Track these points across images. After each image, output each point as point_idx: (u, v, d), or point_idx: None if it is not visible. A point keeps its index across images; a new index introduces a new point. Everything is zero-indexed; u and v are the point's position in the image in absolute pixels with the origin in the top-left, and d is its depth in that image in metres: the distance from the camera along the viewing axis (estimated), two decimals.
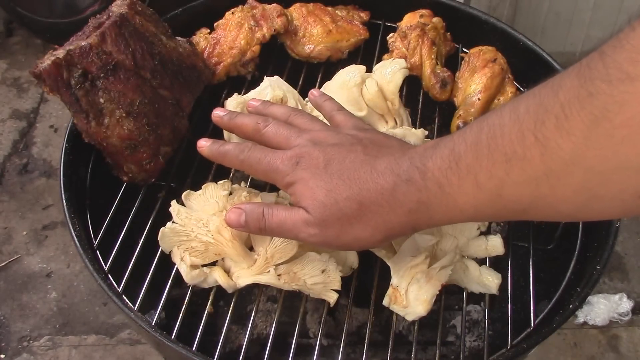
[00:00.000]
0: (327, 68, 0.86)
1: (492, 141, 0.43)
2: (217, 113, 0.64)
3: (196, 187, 0.67)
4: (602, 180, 0.38)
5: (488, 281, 0.64)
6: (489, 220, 0.66)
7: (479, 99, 0.79)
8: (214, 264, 0.64)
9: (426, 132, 0.73)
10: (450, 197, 0.46)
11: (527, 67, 0.85)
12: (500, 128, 0.42)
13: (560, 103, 0.38)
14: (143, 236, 0.67)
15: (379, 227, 0.51)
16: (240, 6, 0.86)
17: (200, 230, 0.63)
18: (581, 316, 1.36)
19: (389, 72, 0.77)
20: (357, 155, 0.53)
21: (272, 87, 0.75)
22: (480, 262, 0.66)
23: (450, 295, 0.72)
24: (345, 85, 0.76)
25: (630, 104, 0.35)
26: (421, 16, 0.87)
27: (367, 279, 0.66)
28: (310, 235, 0.53)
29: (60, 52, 0.65)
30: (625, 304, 1.38)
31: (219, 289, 0.64)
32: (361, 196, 0.50)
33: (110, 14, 0.69)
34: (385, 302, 0.62)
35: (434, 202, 0.47)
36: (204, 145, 0.61)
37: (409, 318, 0.61)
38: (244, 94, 0.78)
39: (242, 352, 0.60)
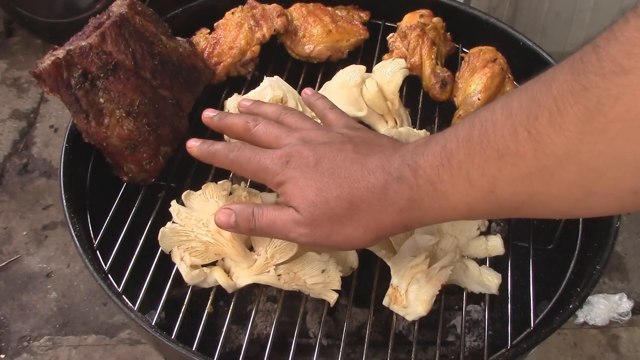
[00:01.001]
0: (327, 68, 0.86)
1: (484, 137, 0.42)
2: (207, 114, 0.63)
3: (196, 187, 0.67)
4: (596, 176, 0.38)
5: (488, 281, 0.64)
6: (483, 218, 0.66)
7: (479, 99, 0.79)
8: (214, 264, 0.64)
9: (428, 133, 0.73)
10: (442, 194, 0.46)
11: (527, 67, 0.85)
12: (492, 124, 0.42)
13: (554, 97, 0.38)
14: (143, 236, 0.67)
15: (370, 226, 0.50)
16: (240, 6, 0.86)
17: (200, 230, 0.63)
18: (581, 316, 1.36)
19: (389, 72, 0.77)
20: (347, 153, 0.52)
21: (272, 87, 0.75)
22: (480, 262, 0.66)
23: (450, 295, 0.72)
24: (345, 85, 0.76)
25: (625, 97, 0.34)
26: (421, 16, 0.87)
27: (367, 279, 0.66)
28: (300, 235, 0.52)
29: (60, 52, 0.65)
30: (625, 304, 1.38)
31: (219, 289, 0.64)
32: (352, 195, 0.50)
33: (110, 14, 0.69)
34: (385, 302, 0.62)
35: (426, 200, 0.47)
36: (194, 145, 0.60)
37: (409, 318, 0.61)
38: (244, 94, 0.78)
39: (242, 352, 0.60)
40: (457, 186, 0.45)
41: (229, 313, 0.62)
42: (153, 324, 0.61)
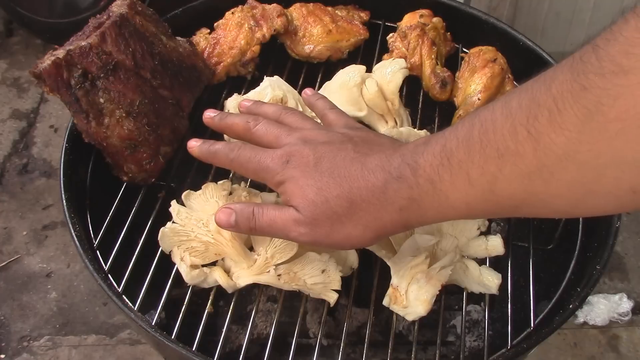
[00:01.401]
0: (327, 68, 0.86)
1: (484, 137, 0.42)
2: (208, 114, 0.63)
3: (196, 187, 0.67)
4: (596, 175, 0.38)
5: (488, 281, 0.64)
6: (483, 217, 0.66)
7: (479, 99, 0.79)
8: (214, 264, 0.64)
9: (429, 133, 0.73)
10: (442, 193, 0.46)
11: (527, 67, 0.85)
12: (492, 123, 0.42)
13: (553, 97, 0.38)
14: (143, 236, 0.67)
15: (370, 225, 0.50)
16: (240, 6, 0.86)
17: (200, 230, 0.63)
18: (581, 316, 1.36)
19: (389, 72, 0.77)
20: (347, 153, 0.52)
21: (272, 87, 0.75)
22: (480, 262, 0.66)
23: (450, 295, 0.72)
24: (345, 85, 0.76)
25: (624, 97, 0.34)
26: (421, 16, 0.87)
27: (367, 279, 0.66)
28: (300, 234, 0.53)
29: (60, 52, 0.65)
30: (625, 304, 1.38)
31: (219, 289, 0.64)
32: (352, 194, 0.50)
33: (110, 14, 0.69)
34: (385, 302, 0.62)
35: (426, 199, 0.47)
36: (194, 145, 0.60)
37: (409, 318, 0.61)
38: (244, 94, 0.78)
39: (242, 352, 0.60)
40: (456, 185, 0.45)
41: (229, 313, 0.62)
42: (153, 324, 0.61)
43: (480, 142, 0.43)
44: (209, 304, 0.64)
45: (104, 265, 0.66)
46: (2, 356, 1.29)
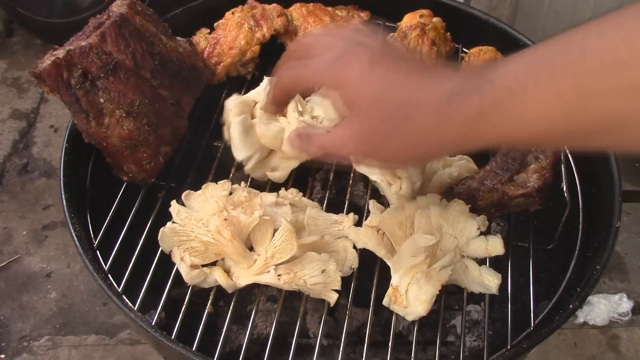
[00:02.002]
0: None
1: (588, 48, 0.38)
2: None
3: (196, 187, 0.67)
4: None
5: (488, 281, 0.64)
6: (554, 142, 0.57)
7: None
8: (214, 264, 0.64)
9: None
10: (521, 105, 0.41)
11: None
12: (597, 36, 0.38)
13: None
14: (143, 236, 0.67)
15: (423, 140, 0.46)
16: (240, 6, 0.86)
17: (200, 230, 0.63)
18: (581, 316, 1.36)
19: None
20: (407, 63, 0.47)
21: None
22: (480, 262, 0.66)
23: (450, 295, 0.72)
24: None
25: None
26: (421, 16, 0.87)
27: (367, 279, 0.66)
28: (349, 148, 0.48)
29: (60, 52, 0.65)
30: (625, 304, 1.38)
31: (219, 289, 0.64)
32: (410, 104, 0.45)
33: (110, 14, 0.69)
34: (385, 302, 0.62)
35: (500, 110, 0.42)
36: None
37: (409, 318, 0.61)
38: (244, 94, 0.78)
39: (242, 352, 0.60)
40: (541, 97, 0.40)
41: (229, 313, 0.62)
42: (153, 324, 0.61)
43: (581, 53, 0.38)
44: (209, 304, 0.64)
45: (104, 265, 0.66)
46: (2, 356, 1.29)
